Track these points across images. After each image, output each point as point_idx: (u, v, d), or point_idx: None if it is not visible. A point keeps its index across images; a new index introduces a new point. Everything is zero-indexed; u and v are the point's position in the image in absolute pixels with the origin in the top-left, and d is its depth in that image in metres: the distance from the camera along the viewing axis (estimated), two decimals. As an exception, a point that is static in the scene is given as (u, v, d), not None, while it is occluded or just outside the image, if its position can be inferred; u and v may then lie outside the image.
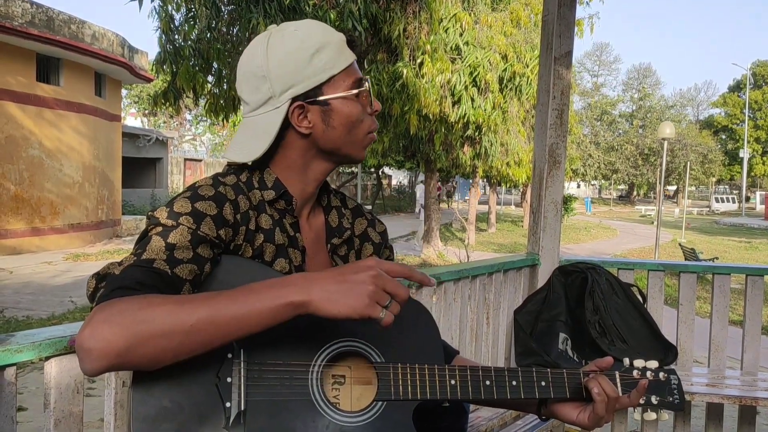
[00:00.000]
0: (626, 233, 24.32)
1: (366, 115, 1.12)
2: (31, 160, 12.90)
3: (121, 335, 0.79)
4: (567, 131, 3.10)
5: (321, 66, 1.07)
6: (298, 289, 0.86)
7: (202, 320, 0.83)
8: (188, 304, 0.84)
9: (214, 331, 0.84)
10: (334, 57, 1.08)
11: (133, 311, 0.81)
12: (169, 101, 8.45)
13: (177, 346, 0.83)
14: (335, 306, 0.86)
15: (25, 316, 7.19)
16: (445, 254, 14.48)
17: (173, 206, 0.98)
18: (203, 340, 0.84)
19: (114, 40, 14.44)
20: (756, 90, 50.55)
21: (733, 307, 7.62)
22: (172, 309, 0.82)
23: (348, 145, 1.12)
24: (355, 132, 1.11)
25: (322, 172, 1.15)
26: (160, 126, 41.24)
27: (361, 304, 0.86)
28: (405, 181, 45.95)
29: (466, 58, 9.83)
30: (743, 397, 2.74)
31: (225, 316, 0.84)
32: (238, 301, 0.85)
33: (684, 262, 9.71)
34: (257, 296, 0.86)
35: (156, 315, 0.81)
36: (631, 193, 56.71)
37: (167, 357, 0.83)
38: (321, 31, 1.10)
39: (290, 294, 0.86)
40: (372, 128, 1.13)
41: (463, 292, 2.61)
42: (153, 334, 0.81)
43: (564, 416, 1.16)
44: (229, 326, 0.85)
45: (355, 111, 1.10)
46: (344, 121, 1.09)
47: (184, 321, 0.82)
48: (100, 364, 0.80)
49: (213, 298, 0.86)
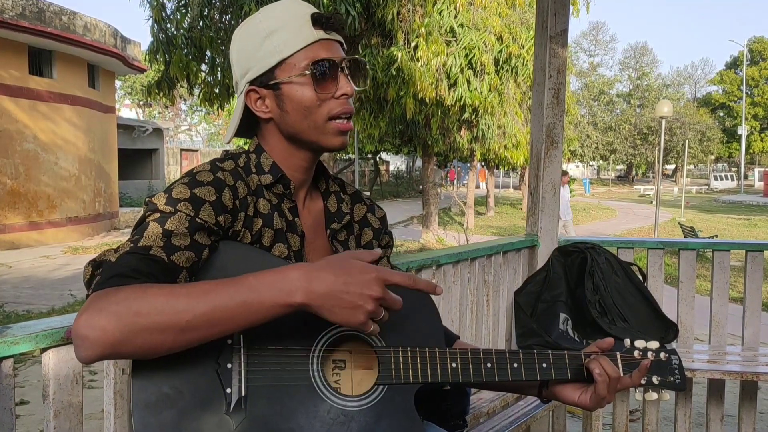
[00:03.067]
0: (625, 213, 24.33)
1: (328, 99, 1.05)
2: (26, 153, 12.85)
3: (116, 326, 0.79)
4: (564, 111, 3.07)
5: (271, 49, 1.05)
6: (298, 291, 0.85)
7: (198, 317, 0.82)
8: (184, 299, 0.82)
9: (211, 327, 0.83)
10: (287, 38, 1.04)
11: (129, 302, 0.80)
12: (162, 91, 8.41)
13: (172, 341, 0.82)
14: (331, 314, 0.87)
15: (25, 310, 7.20)
16: (444, 239, 14.48)
17: (172, 192, 0.97)
18: (199, 335, 0.84)
19: (106, 30, 14.32)
20: (753, 66, 50.32)
21: (733, 285, 7.64)
22: (168, 303, 0.81)
23: (308, 131, 1.07)
24: (312, 117, 1.05)
25: (302, 158, 1.11)
26: (155, 117, 41.09)
27: (357, 321, 0.86)
28: (403, 166, 45.85)
29: (461, 40, 9.76)
30: (744, 373, 2.74)
31: (222, 313, 0.83)
32: (236, 297, 0.84)
33: (683, 239, 9.71)
34: (256, 294, 0.84)
35: (152, 308, 0.80)
36: (629, 173, 56.69)
37: (162, 350, 0.83)
38: (279, 13, 1.06)
39: (290, 295, 0.85)
40: (335, 113, 1.05)
41: (462, 274, 2.61)
42: (148, 327, 0.80)
43: (566, 398, 1.16)
44: (227, 323, 0.84)
45: (307, 94, 1.04)
46: (296, 106, 1.05)
47: (180, 317, 0.81)
48: (94, 352, 0.79)
49: (210, 294, 0.84)
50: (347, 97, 1.06)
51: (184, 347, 0.84)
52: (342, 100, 1.06)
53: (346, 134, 1.08)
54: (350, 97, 1.07)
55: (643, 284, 3.03)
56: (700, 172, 62.17)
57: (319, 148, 1.10)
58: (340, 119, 1.06)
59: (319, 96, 1.04)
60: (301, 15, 1.05)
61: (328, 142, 1.08)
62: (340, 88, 1.05)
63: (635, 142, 45.12)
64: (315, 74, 1.04)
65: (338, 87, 1.05)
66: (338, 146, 1.08)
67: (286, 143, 1.10)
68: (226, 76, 7.96)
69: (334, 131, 1.07)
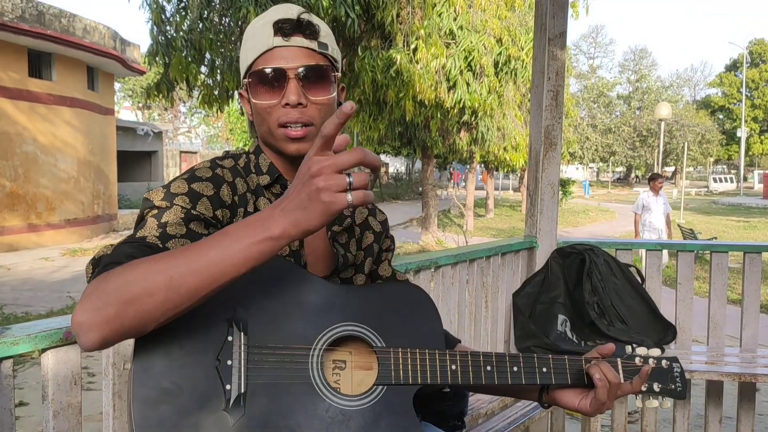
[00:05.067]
0: (625, 215, 24.30)
1: (275, 107, 1.05)
2: (25, 156, 12.84)
3: (108, 301, 0.79)
4: (563, 112, 3.08)
5: (243, 57, 1.10)
6: (270, 222, 0.81)
7: (181, 272, 0.81)
8: (166, 259, 0.82)
9: (197, 280, 0.81)
10: (252, 46, 1.07)
11: (115, 278, 0.81)
12: (162, 93, 8.41)
13: (163, 301, 0.81)
14: (307, 221, 0.80)
15: (24, 312, 7.19)
16: (443, 240, 14.48)
17: (170, 188, 0.99)
18: (188, 291, 0.81)
19: (105, 33, 14.33)
20: (753, 69, 50.37)
21: (732, 286, 7.64)
22: (151, 266, 0.82)
23: (266, 135, 1.09)
24: (266, 123, 1.07)
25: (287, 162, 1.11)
26: (155, 119, 41.08)
27: (324, 206, 0.78)
28: (402, 168, 45.83)
29: (461, 42, 9.77)
30: (743, 374, 2.75)
31: (205, 263, 0.81)
32: (215, 246, 0.82)
33: (682, 241, 9.72)
34: (234, 238, 0.82)
35: (137, 275, 0.81)
36: (629, 175, 56.68)
37: (157, 314, 0.82)
38: (259, 19, 1.09)
39: (266, 229, 0.81)
40: (282, 121, 1.04)
41: (461, 276, 2.61)
42: (137, 293, 0.80)
43: (565, 403, 1.15)
44: (211, 273, 0.81)
45: (257, 102, 1.07)
46: (254, 111, 1.09)
47: (165, 274, 0.81)
48: (94, 335, 0.80)
49: (191, 248, 0.83)
50: (291, 106, 1.04)
51: (176, 307, 0.82)
52: (287, 109, 1.04)
53: (300, 141, 1.05)
54: (296, 105, 1.04)
55: (642, 286, 3.03)
56: (699, 175, 62.18)
57: (282, 154, 1.10)
58: (285, 127, 1.05)
59: (259, 105, 1.06)
60: (268, 21, 1.07)
61: (283, 148, 1.08)
62: (285, 96, 1.04)
63: (634, 144, 45.14)
64: (255, 83, 1.06)
65: (284, 95, 1.04)
66: (293, 152, 1.06)
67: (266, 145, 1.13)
68: (225, 78, 7.96)
69: (283, 137, 1.06)
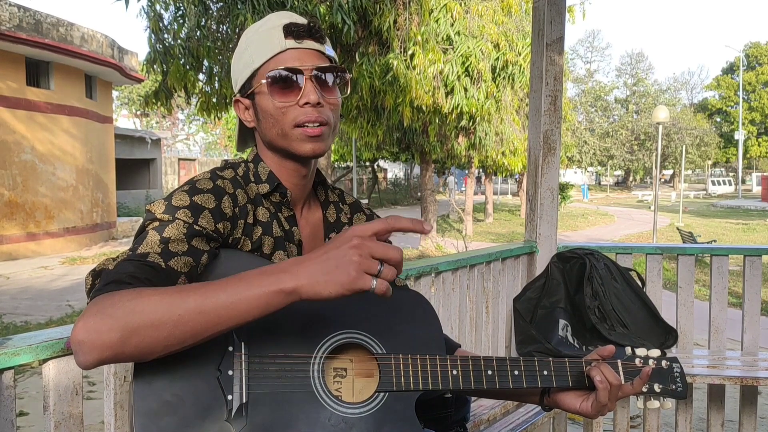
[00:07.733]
0: (624, 219, 24.35)
1: (291, 107, 1.05)
2: (24, 164, 12.84)
3: (113, 327, 0.79)
4: (561, 117, 3.09)
5: (246, 62, 1.09)
6: (287, 275, 0.83)
7: (190, 310, 0.81)
8: (177, 294, 0.82)
9: (204, 320, 0.82)
10: (258, 50, 1.07)
11: (123, 303, 0.80)
12: (160, 101, 8.43)
13: (167, 337, 0.81)
14: (324, 287, 0.82)
15: (23, 321, 7.17)
16: (443, 246, 14.48)
17: (171, 200, 0.98)
18: (193, 329, 0.82)
19: (103, 41, 14.36)
20: (749, 71, 50.51)
21: (732, 290, 7.64)
22: (162, 299, 0.82)
23: (278, 138, 1.08)
24: (279, 125, 1.06)
25: (290, 167, 1.12)
26: (153, 126, 41.10)
27: (348, 279, 0.81)
28: (401, 173, 45.87)
29: (458, 48, 9.80)
30: (744, 378, 2.74)
31: (214, 305, 0.82)
32: (228, 289, 0.83)
33: (681, 244, 9.72)
34: (247, 284, 0.83)
35: (146, 306, 0.80)
36: (627, 178, 56.75)
37: (158, 348, 0.82)
38: (259, 25, 1.10)
39: (280, 281, 0.83)
40: (299, 121, 1.05)
41: (461, 281, 2.61)
42: (143, 324, 0.80)
43: (567, 405, 1.15)
44: (219, 315, 0.82)
45: (271, 103, 1.06)
46: (265, 114, 1.08)
47: (173, 311, 0.81)
48: (92, 356, 0.79)
49: (202, 288, 0.84)
50: (311, 105, 1.05)
51: (180, 344, 0.83)
52: (306, 108, 1.05)
53: (317, 139, 1.06)
54: (315, 105, 1.05)
55: (642, 290, 3.03)
56: (697, 177, 62.29)
57: (293, 155, 1.09)
58: (304, 126, 1.05)
59: (277, 104, 1.05)
60: (276, 26, 1.07)
61: (298, 149, 1.07)
62: (304, 96, 1.04)
63: (633, 147, 45.21)
64: (271, 83, 1.05)
65: (302, 95, 1.05)
66: (308, 152, 1.07)
67: (270, 152, 1.12)
68: (223, 85, 7.98)
69: (300, 137, 1.06)
